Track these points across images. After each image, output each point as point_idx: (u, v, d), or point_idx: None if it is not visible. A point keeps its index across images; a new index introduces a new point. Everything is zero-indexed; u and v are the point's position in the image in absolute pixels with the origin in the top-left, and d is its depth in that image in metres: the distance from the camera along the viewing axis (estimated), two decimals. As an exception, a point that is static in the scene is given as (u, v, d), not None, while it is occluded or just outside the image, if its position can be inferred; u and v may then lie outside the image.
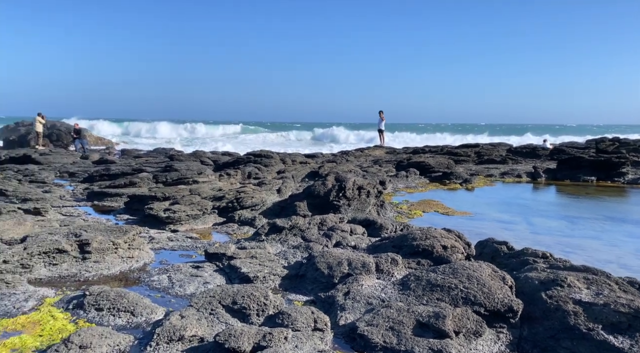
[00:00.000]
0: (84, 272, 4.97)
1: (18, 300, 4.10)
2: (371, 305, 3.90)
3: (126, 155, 21.56)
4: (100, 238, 5.34)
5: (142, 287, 4.69)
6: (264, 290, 3.93)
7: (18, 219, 6.88)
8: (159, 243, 6.23)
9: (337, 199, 7.36)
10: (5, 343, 3.33)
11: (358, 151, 17.88)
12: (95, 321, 3.75)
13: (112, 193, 9.41)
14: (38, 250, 5.00)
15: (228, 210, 7.95)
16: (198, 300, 3.87)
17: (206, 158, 15.93)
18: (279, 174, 12.23)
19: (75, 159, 17.45)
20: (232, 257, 5.25)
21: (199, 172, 11.08)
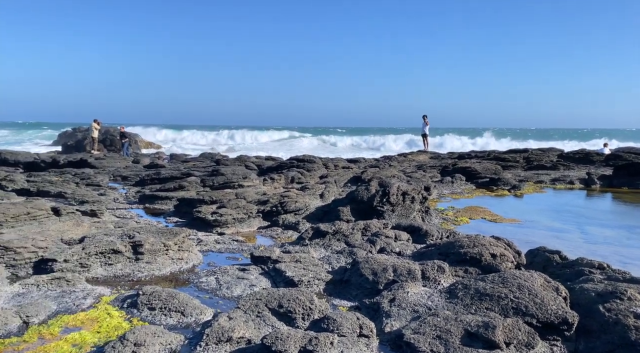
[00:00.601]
0: (136, 272, 5.18)
1: (77, 298, 4.32)
2: (417, 312, 3.85)
3: (175, 159, 22.30)
4: (152, 240, 5.56)
5: (191, 288, 4.84)
6: (309, 295, 3.96)
7: (76, 220, 7.26)
8: (207, 246, 6.40)
9: (381, 205, 7.31)
10: (66, 338, 3.52)
11: (401, 156, 17.70)
12: (148, 320, 3.90)
13: (162, 197, 9.75)
14: (95, 250, 5.26)
15: (272, 214, 8.06)
16: (245, 302, 3.95)
17: (250, 162, 16.24)
18: (322, 179, 12.28)
19: (128, 163, 18.24)
20: (277, 260, 5.32)
21: (244, 176, 11.33)
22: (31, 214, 6.94)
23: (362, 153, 32.71)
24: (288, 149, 37.92)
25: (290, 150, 36.26)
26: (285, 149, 37.69)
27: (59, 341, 3.47)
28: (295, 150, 36.52)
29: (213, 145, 42.02)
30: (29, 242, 5.31)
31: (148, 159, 20.82)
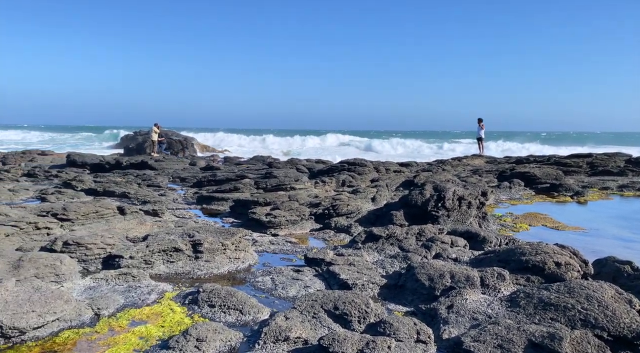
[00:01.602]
0: (196, 270, 5.37)
1: (142, 293, 4.54)
2: (476, 320, 3.74)
3: (228, 162, 22.91)
4: (211, 240, 5.74)
5: (248, 287, 4.95)
6: (365, 298, 3.95)
7: (140, 219, 7.64)
8: (262, 246, 6.54)
9: (436, 209, 7.17)
10: (134, 331, 3.71)
11: (455, 160, 17.26)
12: (208, 316, 4.04)
13: (218, 198, 10.06)
14: (158, 248, 5.51)
15: (324, 217, 8.11)
16: (301, 303, 4.00)
17: (301, 165, 16.41)
18: (373, 182, 12.22)
19: (185, 165, 18.95)
20: (331, 263, 5.35)
21: (295, 179, 11.47)
22: (99, 213, 7.38)
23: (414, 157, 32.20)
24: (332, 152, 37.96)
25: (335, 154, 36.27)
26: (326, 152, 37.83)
27: (127, 333, 3.66)
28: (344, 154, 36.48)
29: (261, 148, 42.74)
30: (98, 238, 5.64)
31: (204, 161, 21.54)
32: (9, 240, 5.92)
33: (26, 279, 4.40)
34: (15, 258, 4.94)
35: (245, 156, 28.73)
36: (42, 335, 3.58)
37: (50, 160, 21.00)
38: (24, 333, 3.51)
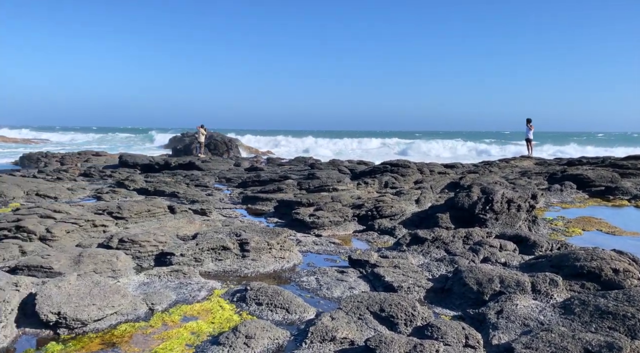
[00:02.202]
0: (243, 269, 5.50)
1: (193, 290, 4.70)
2: (528, 326, 3.63)
3: (271, 163, 23.25)
4: (257, 239, 5.86)
5: (293, 286, 5.02)
6: (411, 301, 3.93)
7: (189, 218, 7.89)
8: (306, 247, 6.60)
9: (484, 212, 7.00)
10: (186, 326, 3.85)
11: (503, 162, 16.75)
12: (256, 314, 4.13)
13: (262, 198, 10.24)
14: (207, 246, 5.68)
15: (367, 219, 8.09)
16: (346, 304, 4.02)
17: (343, 166, 16.43)
18: (417, 184, 12.06)
19: (230, 166, 19.40)
20: (375, 265, 5.34)
21: (338, 180, 11.50)
22: (151, 211, 7.68)
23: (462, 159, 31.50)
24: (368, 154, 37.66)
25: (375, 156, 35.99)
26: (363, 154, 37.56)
27: (180, 328, 3.81)
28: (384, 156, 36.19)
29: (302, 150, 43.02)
30: (151, 236, 5.88)
31: (248, 162, 21.97)
32: (69, 236, 6.27)
33: (86, 274, 4.65)
34: (75, 253, 5.24)
35: (286, 157, 29.07)
36: (102, 328, 3.77)
37: (104, 160, 22.04)
38: (85, 325, 3.72)
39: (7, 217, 6.54)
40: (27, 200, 9.78)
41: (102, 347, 3.49)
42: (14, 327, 3.64)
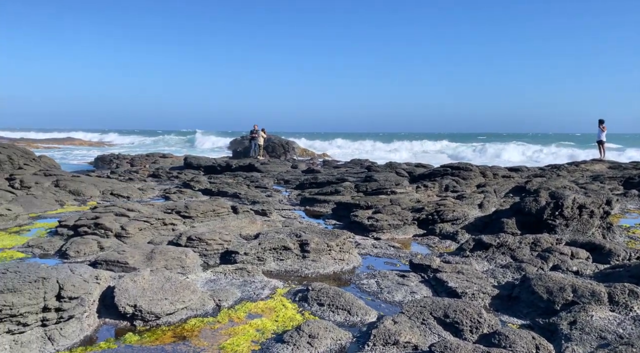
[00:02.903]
0: (304, 269, 5.58)
1: (257, 288, 4.84)
2: (605, 339, 3.43)
3: (327, 165, 23.41)
4: (317, 240, 5.93)
5: (353, 288, 5.04)
6: (477, 307, 3.82)
7: (251, 218, 8.13)
8: (365, 249, 6.60)
9: (553, 218, 6.67)
10: (251, 323, 3.97)
11: (572, 165, 15.84)
12: (318, 314, 4.18)
13: (320, 200, 10.34)
14: (269, 246, 5.82)
15: (428, 223, 7.95)
16: (409, 308, 3.98)
17: (401, 169, 16.22)
18: (479, 188, 11.69)
19: (288, 168, 19.73)
20: (438, 270, 5.24)
21: (396, 183, 11.38)
22: (216, 211, 7.98)
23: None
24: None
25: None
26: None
27: (245, 325, 3.93)
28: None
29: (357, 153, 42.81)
30: (216, 235, 6.11)
31: (304, 165, 22.24)
32: (141, 234, 6.65)
33: (157, 270, 4.91)
34: (148, 250, 5.55)
35: (342, 159, 29.13)
36: (173, 321, 3.98)
37: (170, 162, 23.14)
38: (158, 318, 3.93)
39: (86, 214, 7.05)
40: (102, 199, 10.48)
41: (174, 340, 3.68)
42: (96, 317, 3.92)
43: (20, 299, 3.29)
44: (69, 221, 6.89)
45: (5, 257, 5.74)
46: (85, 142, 55.53)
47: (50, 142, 51.66)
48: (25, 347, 3.32)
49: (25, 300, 3.31)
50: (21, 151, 12.80)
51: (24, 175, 11.14)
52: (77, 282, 3.64)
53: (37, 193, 9.77)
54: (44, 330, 3.47)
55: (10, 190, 9.53)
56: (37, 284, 3.40)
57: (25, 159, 12.42)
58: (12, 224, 7.58)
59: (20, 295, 3.30)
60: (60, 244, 6.18)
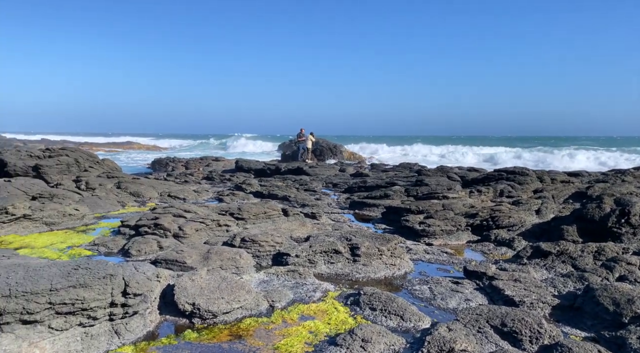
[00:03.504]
0: (354, 273, 5.58)
1: (308, 290, 4.89)
2: (680, 358, 3.20)
3: (375, 169, 23.24)
4: (368, 244, 5.92)
5: (405, 294, 4.98)
6: (537, 317, 3.68)
7: (301, 221, 8.23)
8: (416, 255, 6.51)
9: (618, 226, 6.30)
10: (304, 325, 4.02)
11: (638, 170, 14.90)
12: (370, 319, 4.17)
13: (369, 204, 10.30)
14: (320, 249, 5.87)
15: (482, 229, 7.73)
16: (464, 315, 3.89)
17: (453, 173, 15.85)
18: (536, 193, 11.22)
19: (336, 171, 19.79)
20: (493, 277, 5.09)
21: (448, 188, 11.15)
22: (267, 213, 8.15)
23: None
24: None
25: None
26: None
27: (298, 326, 3.99)
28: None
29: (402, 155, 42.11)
30: (268, 237, 6.24)
31: (352, 168, 22.22)
32: (197, 234, 6.90)
33: (213, 269, 5.08)
34: (204, 250, 5.75)
35: (389, 163, 28.84)
36: (229, 320, 4.09)
37: (222, 165, 23.81)
38: (215, 317, 4.06)
39: (146, 215, 7.39)
40: (160, 201, 10.95)
41: (231, 338, 3.79)
42: (157, 314, 4.10)
43: (91, 294, 3.51)
44: (130, 221, 7.25)
45: (74, 253, 6.13)
46: (142, 146, 58.22)
47: (110, 146, 54.57)
48: (94, 339, 3.53)
49: (94, 295, 3.52)
50: (86, 154, 13.61)
51: (89, 177, 11.84)
52: (141, 279, 3.82)
53: (101, 195, 10.35)
54: (111, 324, 3.67)
55: (77, 191, 10.15)
56: (106, 280, 3.61)
57: (90, 162, 13.19)
58: (80, 223, 8.07)
59: (90, 290, 3.51)
60: (123, 243, 6.52)
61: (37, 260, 4.51)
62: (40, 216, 7.67)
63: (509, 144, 58.72)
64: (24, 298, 3.29)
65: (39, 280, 3.45)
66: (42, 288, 3.37)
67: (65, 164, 12.01)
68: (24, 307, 3.27)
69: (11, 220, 7.34)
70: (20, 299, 3.28)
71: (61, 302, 3.40)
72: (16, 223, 7.40)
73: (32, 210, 7.67)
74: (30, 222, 7.54)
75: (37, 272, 3.58)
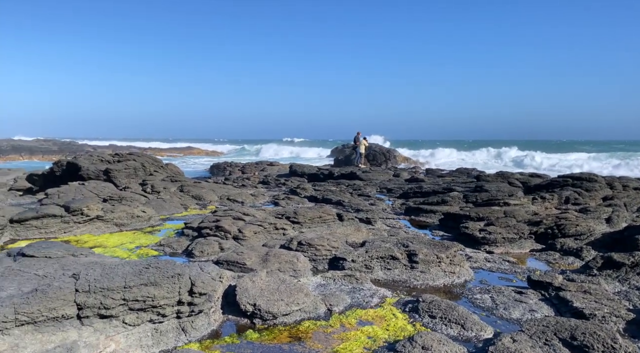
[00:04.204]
0: (412, 280, 5.51)
1: (365, 296, 4.88)
2: None
3: (430, 174, 22.80)
4: (425, 251, 5.83)
5: (465, 302, 4.86)
6: (610, 331, 3.48)
7: (356, 226, 8.22)
8: (477, 263, 6.33)
9: (702, 237, 5.81)
10: (362, 329, 4.02)
11: None
12: (429, 326, 4.11)
13: (426, 210, 10.12)
14: (376, 254, 5.85)
15: (547, 237, 7.39)
16: (530, 326, 3.74)
17: (514, 179, 15.24)
18: (605, 201, 10.56)
19: (390, 176, 19.61)
20: (560, 288, 4.86)
21: (509, 194, 10.74)
22: (322, 218, 8.21)
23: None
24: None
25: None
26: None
27: (356, 331, 3.99)
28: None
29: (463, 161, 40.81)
30: (325, 241, 6.29)
31: (407, 173, 21.92)
32: (256, 237, 7.08)
33: (272, 271, 5.19)
34: (263, 252, 5.89)
35: (445, 168, 28.16)
36: (288, 322, 4.17)
37: (277, 169, 24.26)
38: (275, 318, 4.16)
39: (208, 218, 7.68)
40: (220, 204, 11.33)
41: (290, 340, 3.86)
42: (221, 313, 4.25)
43: (160, 292, 3.70)
44: (193, 223, 7.57)
45: (142, 253, 6.48)
46: (202, 151, 60.52)
47: (172, 151, 57.12)
48: (163, 335, 3.72)
49: (164, 293, 3.71)
50: (151, 159, 14.33)
51: (154, 181, 12.46)
52: (206, 279, 3.99)
53: (165, 197, 10.87)
54: (179, 321, 3.85)
55: (144, 194, 10.71)
56: (174, 279, 3.79)
57: (155, 166, 13.88)
58: (146, 224, 8.52)
59: (160, 289, 3.71)
60: (186, 244, 6.81)
61: (111, 258, 4.82)
62: (111, 217, 8.17)
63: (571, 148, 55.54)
64: (101, 294, 3.53)
65: (114, 277, 3.69)
66: (117, 285, 3.60)
67: (132, 168, 12.71)
68: (101, 302, 3.51)
69: (86, 220, 7.87)
70: (98, 295, 3.52)
71: (134, 298, 3.61)
72: (90, 223, 7.93)
73: (104, 211, 8.19)
74: (102, 223, 8.05)
75: (113, 270, 3.83)
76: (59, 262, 4.22)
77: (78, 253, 4.77)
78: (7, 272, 3.93)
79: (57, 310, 3.36)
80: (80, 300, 3.47)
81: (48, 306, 3.34)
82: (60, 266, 4.06)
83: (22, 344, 3.20)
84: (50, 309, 3.33)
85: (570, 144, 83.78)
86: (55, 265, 4.09)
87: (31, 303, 3.31)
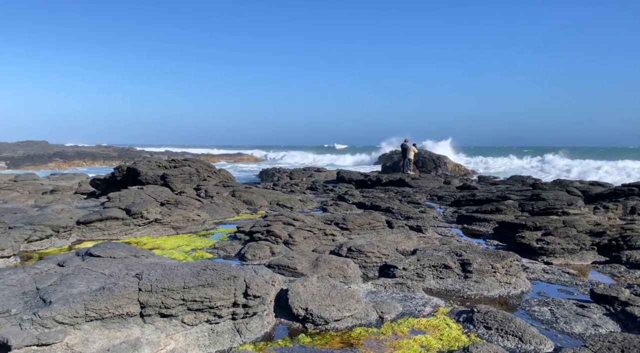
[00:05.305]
0: (466, 290, 5.38)
1: (417, 304, 4.81)
2: None
3: (483, 181, 22.15)
4: (480, 261, 5.67)
5: (522, 314, 4.68)
6: (686, 352, 3.25)
7: (406, 234, 8.13)
8: (534, 274, 6.08)
9: None
10: (414, 338, 3.97)
11: None
12: (485, 338, 3.99)
13: (480, 218, 9.84)
14: (428, 263, 5.75)
15: (610, 249, 6.99)
16: (594, 342, 3.56)
17: (573, 187, 14.53)
18: (676, 211, 9.85)
19: (440, 183, 19.22)
20: (627, 303, 4.59)
21: (568, 203, 10.27)
22: (371, 225, 8.18)
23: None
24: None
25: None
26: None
27: (409, 340, 3.94)
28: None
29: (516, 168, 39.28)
30: (375, 248, 6.27)
31: (458, 180, 21.41)
32: (305, 242, 7.15)
33: (322, 277, 5.23)
34: (313, 258, 5.94)
35: (499, 176, 27.25)
36: (340, 328, 4.18)
37: (324, 175, 24.40)
38: (327, 323, 4.18)
39: (259, 222, 7.85)
40: (270, 209, 11.54)
41: (342, 346, 3.87)
42: (273, 316, 4.33)
43: (217, 293, 3.82)
44: (245, 227, 7.75)
45: (197, 256, 6.71)
46: (251, 157, 61.93)
47: (223, 157, 58.81)
48: (219, 336, 3.84)
49: (220, 294, 3.83)
50: (205, 165, 14.83)
51: (208, 186, 12.88)
52: (260, 282, 4.08)
53: (218, 202, 11.20)
54: (234, 323, 3.96)
55: (198, 199, 11.09)
56: (230, 281, 3.91)
57: (208, 171, 14.35)
58: (201, 228, 8.82)
59: (217, 290, 3.83)
60: (239, 248, 6.99)
61: (170, 260, 5.03)
62: (168, 220, 8.53)
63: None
64: (162, 294, 3.70)
65: (174, 278, 3.85)
66: (177, 285, 3.76)
67: (187, 173, 13.21)
68: (162, 301, 3.67)
69: (145, 223, 8.26)
70: (160, 294, 3.69)
71: (192, 299, 3.75)
72: (149, 226, 8.31)
73: (162, 215, 8.56)
74: (160, 226, 8.41)
75: (172, 270, 4.00)
76: (123, 262, 4.45)
77: (140, 254, 5.02)
78: (77, 271, 4.20)
79: (123, 307, 3.55)
80: (143, 299, 3.65)
81: (114, 303, 3.53)
82: (124, 266, 4.29)
83: (91, 338, 3.40)
84: (116, 306, 3.53)
85: (623, 151, 78.69)
86: (120, 265, 4.32)
87: (99, 300, 3.52)
